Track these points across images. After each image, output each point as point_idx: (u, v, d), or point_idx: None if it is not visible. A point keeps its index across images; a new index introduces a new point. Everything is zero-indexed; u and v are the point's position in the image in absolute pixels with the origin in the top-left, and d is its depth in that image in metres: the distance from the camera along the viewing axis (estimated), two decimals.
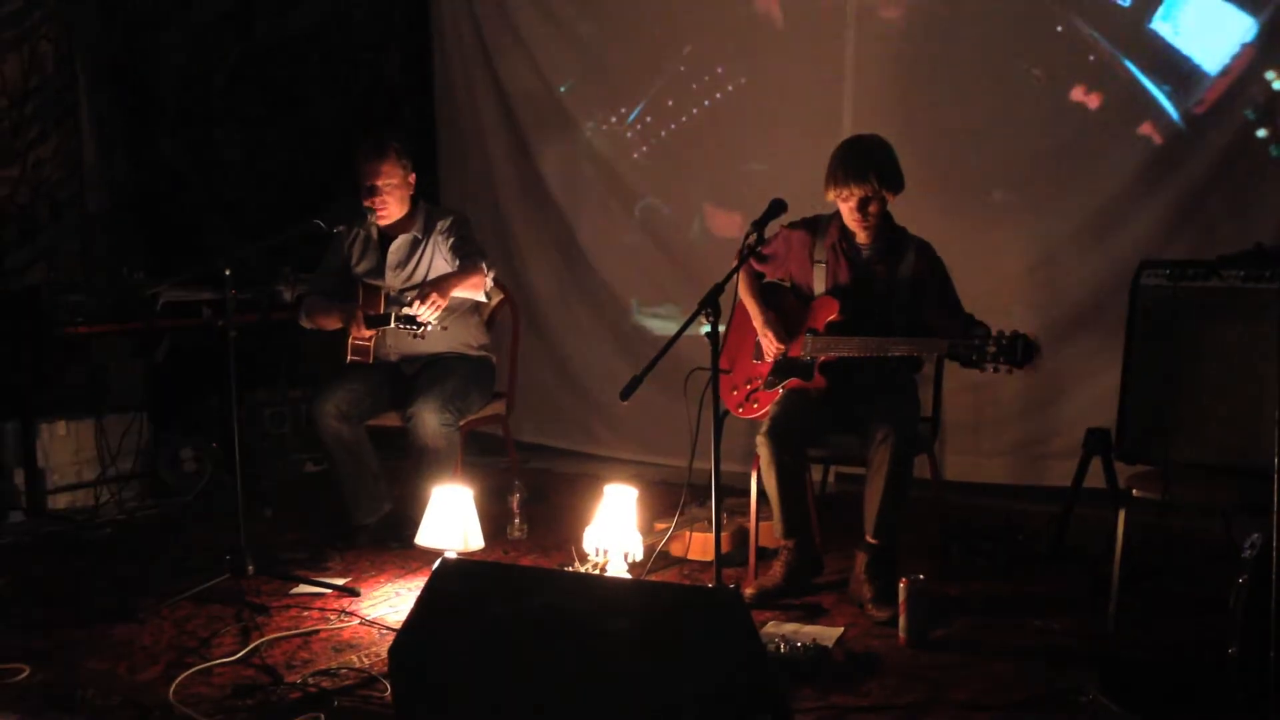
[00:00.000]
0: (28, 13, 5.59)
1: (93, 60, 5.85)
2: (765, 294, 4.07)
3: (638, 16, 5.69)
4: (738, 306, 4.14)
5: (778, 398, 3.90)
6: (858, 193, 3.76)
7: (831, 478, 5.05)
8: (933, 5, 5.01)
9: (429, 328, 4.12)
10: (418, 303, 4.10)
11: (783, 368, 3.92)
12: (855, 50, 5.14)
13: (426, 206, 4.58)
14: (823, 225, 3.98)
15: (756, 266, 4.08)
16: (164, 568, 4.20)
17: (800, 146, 5.22)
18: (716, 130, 5.55)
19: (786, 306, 4.02)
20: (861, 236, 3.88)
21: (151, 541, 4.61)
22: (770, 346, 3.94)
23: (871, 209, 3.79)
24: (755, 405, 3.97)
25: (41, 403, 5.06)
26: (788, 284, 4.05)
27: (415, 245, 4.48)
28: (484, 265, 4.34)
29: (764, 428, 3.79)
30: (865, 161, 3.76)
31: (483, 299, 4.46)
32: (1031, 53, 4.83)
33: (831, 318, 3.81)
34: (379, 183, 4.36)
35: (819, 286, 3.92)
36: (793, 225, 4.01)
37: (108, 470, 5.08)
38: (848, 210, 3.83)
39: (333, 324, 4.48)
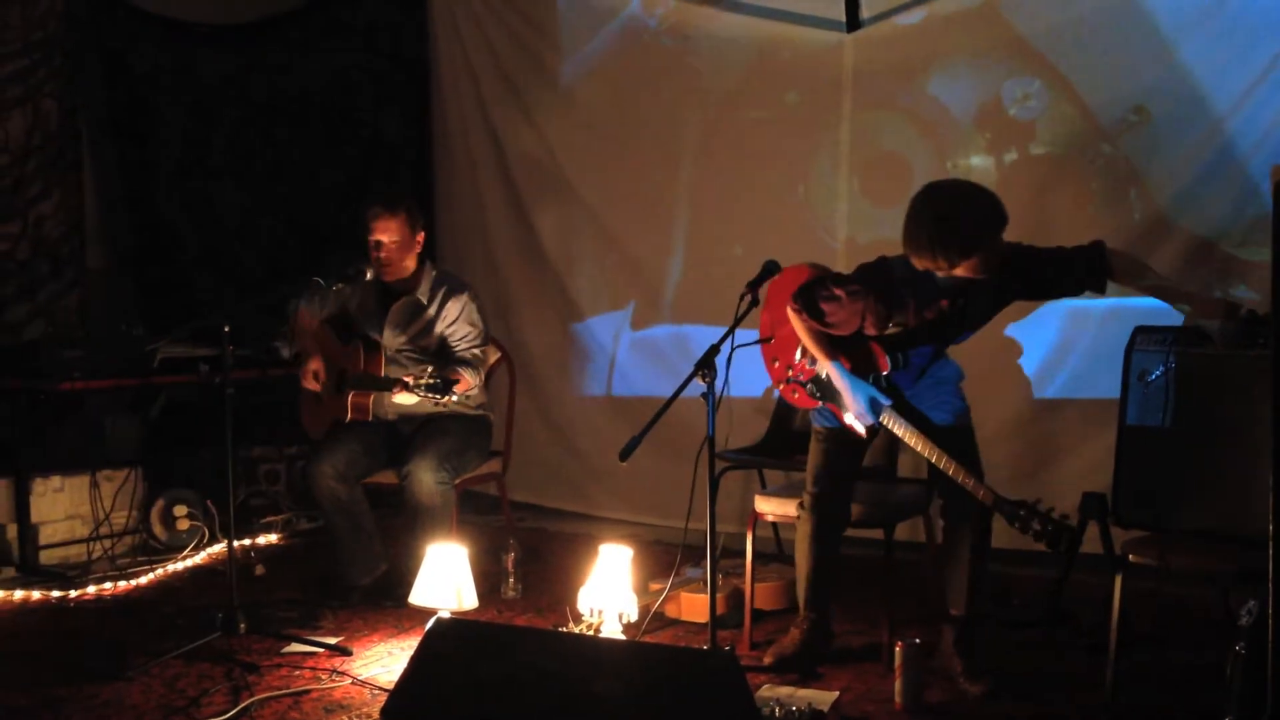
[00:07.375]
0: (33, 71, 5.65)
1: (96, 118, 5.91)
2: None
3: (638, 82, 5.76)
4: (772, 285, 3.68)
5: (820, 455, 3.69)
6: (948, 268, 3.39)
7: None
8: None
9: (453, 398, 4.12)
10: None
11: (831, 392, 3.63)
12: (850, 133, 5.21)
13: (436, 270, 4.59)
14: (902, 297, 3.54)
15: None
16: (154, 625, 4.17)
17: (798, 217, 5.29)
18: (714, 197, 5.60)
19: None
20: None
21: (143, 599, 4.59)
22: (864, 427, 3.58)
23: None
24: (795, 395, 3.75)
25: (36, 458, 5.04)
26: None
27: (418, 310, 4.49)
28: (470, 372, 4.33)
29: (807, 501, 3.69)
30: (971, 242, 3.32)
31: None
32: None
33: (884, 371, 3.60)
34: (384, 238, 4.38)
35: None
36: (891, 261, 3.56)
37: (100, 526, 5.05)
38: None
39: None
